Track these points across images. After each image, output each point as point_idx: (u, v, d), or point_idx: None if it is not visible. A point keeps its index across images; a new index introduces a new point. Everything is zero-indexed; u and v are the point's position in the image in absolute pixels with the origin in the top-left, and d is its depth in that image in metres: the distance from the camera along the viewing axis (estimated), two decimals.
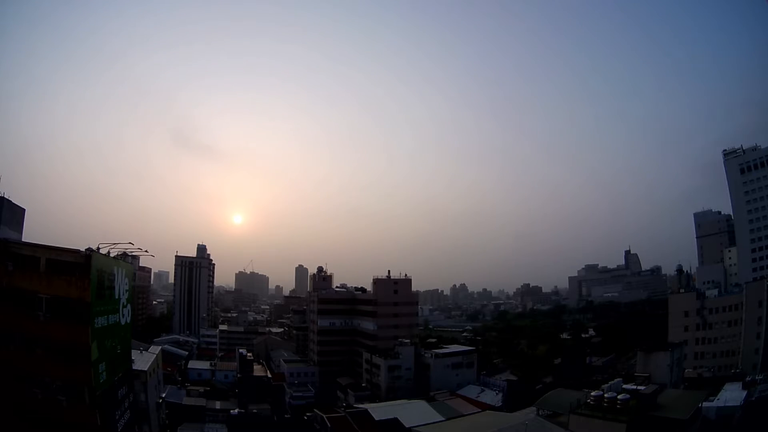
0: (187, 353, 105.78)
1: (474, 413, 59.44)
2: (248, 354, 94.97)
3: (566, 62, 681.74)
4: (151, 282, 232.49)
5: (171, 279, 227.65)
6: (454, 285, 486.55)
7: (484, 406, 64.48)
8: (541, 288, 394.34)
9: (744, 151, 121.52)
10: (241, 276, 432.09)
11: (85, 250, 32.52)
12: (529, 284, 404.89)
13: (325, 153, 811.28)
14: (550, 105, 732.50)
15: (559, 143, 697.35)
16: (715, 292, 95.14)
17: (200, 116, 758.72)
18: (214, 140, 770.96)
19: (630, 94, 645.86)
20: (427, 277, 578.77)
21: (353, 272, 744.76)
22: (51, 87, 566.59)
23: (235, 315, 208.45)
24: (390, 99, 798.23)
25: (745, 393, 53.39)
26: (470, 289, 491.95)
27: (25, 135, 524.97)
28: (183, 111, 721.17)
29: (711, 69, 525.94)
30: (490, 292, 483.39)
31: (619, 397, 42.46)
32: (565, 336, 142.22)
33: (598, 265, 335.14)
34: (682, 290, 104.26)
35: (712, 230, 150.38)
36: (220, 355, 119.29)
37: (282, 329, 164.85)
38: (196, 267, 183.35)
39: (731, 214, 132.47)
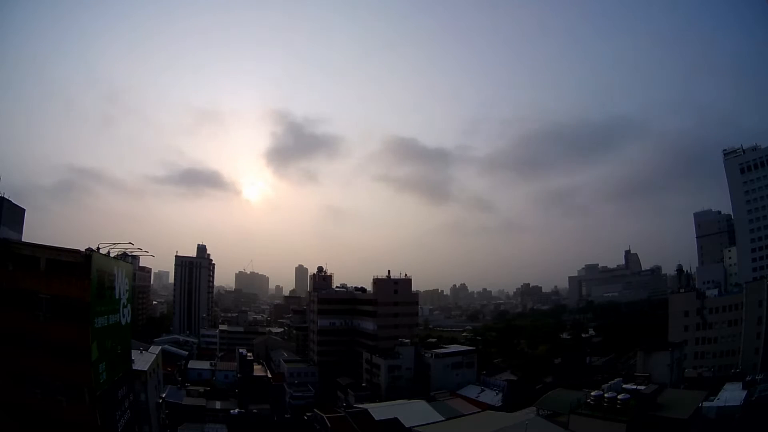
0: (187, 353, 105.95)
1: (474, 413, 59.43)
2: (248, 354, 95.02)
3: (564, 62, 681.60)
4: (151, 282, 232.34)
5: (171, 279, 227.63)
6: (454, 285, 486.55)
7: (484, 406, 64.38)
8: (541, 288, 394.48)
9: (744, 151, 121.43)
10: (241, 276, 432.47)
11: (85, 250, 32.55)
12: (529, 284, 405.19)
13: (324, 150, 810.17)
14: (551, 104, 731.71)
15: (559, 142, 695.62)
16: (715, 291, 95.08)
17: (199, 115, 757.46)
18: (214, 139, 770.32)
19: (628, 92, 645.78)
20: (427, 277, 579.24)
21: (353, 272, 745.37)
22: (54, 85, 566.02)
23: (235, 315, 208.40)
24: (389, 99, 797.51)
25: (745, 393, 53.40)
26: (470, 289, 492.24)
27: (26, 133, 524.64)
28: (181, 109, 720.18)
29: (710, 68, 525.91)
30: (490, 292, 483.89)
31: (619, 397, 42.47)
32: (565, 336, 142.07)
33: (598, 265, 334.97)
34: (682, 290, 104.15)
35: (712, 230, 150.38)
36: (220, 355, 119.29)
37: (282, 329, 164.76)
38: (196, 267, 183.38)
39: (731, 214, 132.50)
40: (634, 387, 49.31)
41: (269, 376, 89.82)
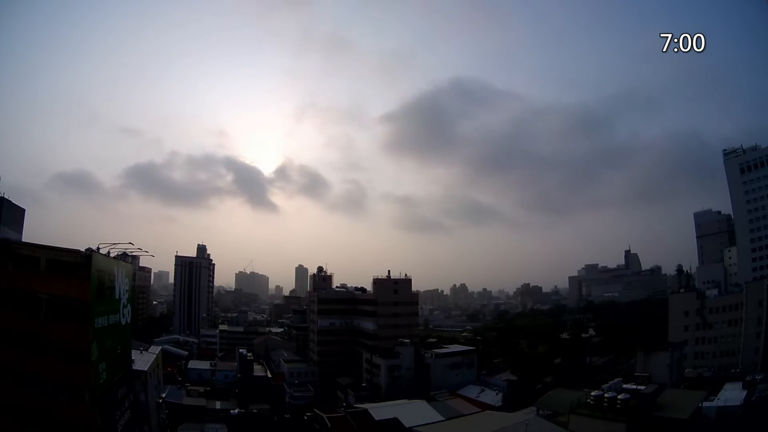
0: (187, 353, 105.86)
1: (474, 413, 59.43)
2: (248, 354, 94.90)
3: (560, 61, 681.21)
4: (151, 282, 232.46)
5: (171, 279, 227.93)
6: (454, 285, 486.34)
7: (484, 406, 64.36)
8: (541, 288, 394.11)
9: (744, 150, 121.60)
10: (241, 276, 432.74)
11: (85, 250, 32.58)
12: (529, 284, 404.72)
13: (325, 147, 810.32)
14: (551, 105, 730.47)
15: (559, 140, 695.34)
16: (715, 291, 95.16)
17: (200, 114, 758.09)
18: (215, 137, 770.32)
19: (628, 91, 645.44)
20: (427, 277, 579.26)
21: (353, 272, 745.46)
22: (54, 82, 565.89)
23: (235, 315, 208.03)
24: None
25: (745, 393, 53.36)
26: (470, 289, 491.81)
27: (27, 133, 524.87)
28: (181, 106, 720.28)
29: (710, 68, 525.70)
30: (490, 292, 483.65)
31: (619, 397, 42.53)
32: (565, 336, 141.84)
33: (598, 265, 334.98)
34: (682, 290, 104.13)
35: (712, 230, 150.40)
36: (220, 355, 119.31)
37: (282, 329, 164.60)
38: (196, 267, 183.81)
39: (731, 214, 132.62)
40: (634, 387, 49.35)
41: (269, 376, 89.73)
